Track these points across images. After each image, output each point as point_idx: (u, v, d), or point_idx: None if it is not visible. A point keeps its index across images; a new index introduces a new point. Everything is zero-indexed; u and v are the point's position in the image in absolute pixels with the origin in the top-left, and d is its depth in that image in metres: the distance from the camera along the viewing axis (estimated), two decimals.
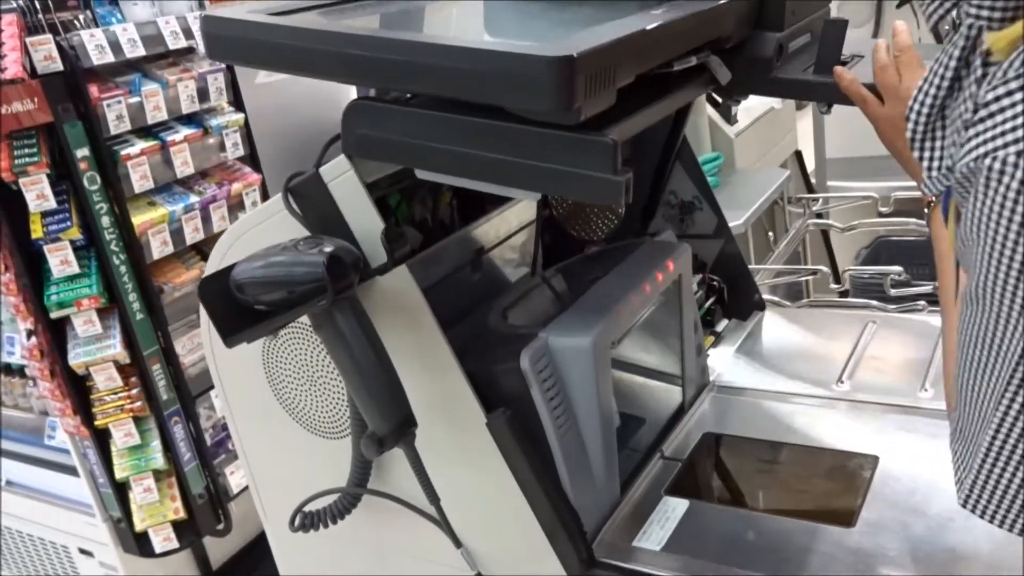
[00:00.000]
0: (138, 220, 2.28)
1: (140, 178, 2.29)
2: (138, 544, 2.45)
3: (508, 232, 1.61)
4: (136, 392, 2.34)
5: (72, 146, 2.17)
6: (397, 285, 1.17)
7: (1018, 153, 0.71)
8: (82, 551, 2.63)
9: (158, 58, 2.42)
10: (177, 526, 2.45)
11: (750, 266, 1.89)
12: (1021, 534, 0.81)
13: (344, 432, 1.30)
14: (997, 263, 0.73)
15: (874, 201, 2.38)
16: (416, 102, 1.09)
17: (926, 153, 0.88)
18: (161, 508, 2.42)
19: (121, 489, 2.41)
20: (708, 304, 1.79)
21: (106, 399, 2.31)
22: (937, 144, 0.87)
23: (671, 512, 1.28)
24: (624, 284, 1.36)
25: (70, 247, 2.18)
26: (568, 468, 1.21)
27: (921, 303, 1.76)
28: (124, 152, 2.26)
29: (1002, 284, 0.73)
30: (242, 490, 2.56)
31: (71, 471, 2.48)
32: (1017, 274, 0.72)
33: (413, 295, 1.17)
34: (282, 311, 1.07)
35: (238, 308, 1.08)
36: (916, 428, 1.41)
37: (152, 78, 2.38)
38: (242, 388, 1.42)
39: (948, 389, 0.94)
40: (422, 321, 1.17)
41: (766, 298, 1.87)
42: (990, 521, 0.82)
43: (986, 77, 0.79)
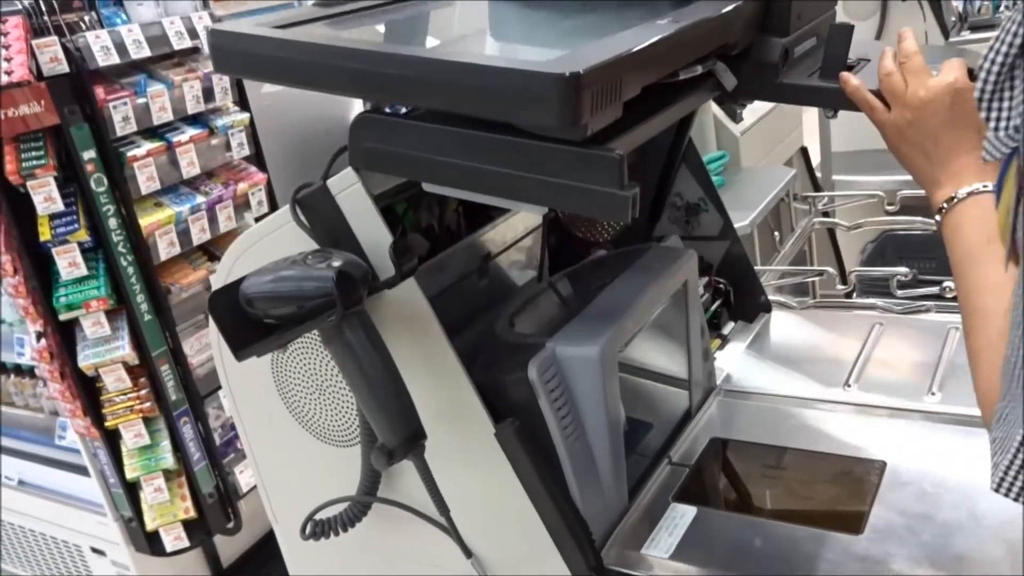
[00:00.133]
0: (145, 221, 2.29)
1: (147, 179, 2.30)
2: (149, 543, 2.48)
3: (515, 238, 1.61)
4: (145, 393, 2.36)
5: (79, 148, 2.18)
6: (404, 296, 1.17)
7: None
8: (94, 550, 2.66)
9: (163, 59, 2.42)
10: (188, 525, 2.48)
11: (756, 267, 1.89)
12: None
13: (354, 440, 1.31)
14: None
15: (880, 199, 2.37)
16: (423, 116, 1.09)
17: (993, 113, 0.85)
18: (172, 507, 2.44)
19: (132, 489, 2.43)
20: (714, 307, 1.78)
21: (116, 400, 2.33)
22: (1005, 104, 0.85)
23: (679, 519, 1.28)
24: (631, 291, 1.36)
25: (78, 249, 2.20)
26: (576, 476, 1.22)
27: (928, 303, 1.76)
28: (130, 153, 2.27)
29: None
30: (251, 489, 2.58)
31: (82, 471, 2.50)
32: None
33: (420, 306, 1.17)
34: (291, 325, 1.08)
35: (248, 322, 1.08)
36: (923, 433, 1.41)
37: (157, 79, 2.39)
38: (251, 395, 1.43)
39: (984, 385, 0.92)
40: (429, 332, 1.17)
41: (772, 298, 1.87)
42: None
43: None
